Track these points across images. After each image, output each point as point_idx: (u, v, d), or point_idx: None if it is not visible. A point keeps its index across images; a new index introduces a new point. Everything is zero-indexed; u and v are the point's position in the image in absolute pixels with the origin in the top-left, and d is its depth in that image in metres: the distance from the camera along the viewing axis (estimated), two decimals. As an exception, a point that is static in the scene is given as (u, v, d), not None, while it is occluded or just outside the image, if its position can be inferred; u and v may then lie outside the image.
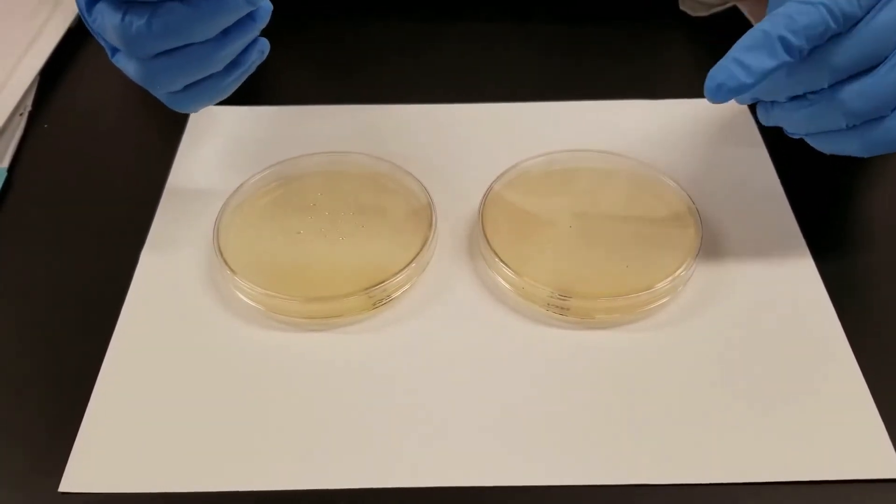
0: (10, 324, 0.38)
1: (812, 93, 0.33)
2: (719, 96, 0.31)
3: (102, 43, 0.35)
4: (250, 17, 0.33)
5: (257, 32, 0.34)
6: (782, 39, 0.31)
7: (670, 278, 0.37)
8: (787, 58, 0.31)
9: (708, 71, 0.32)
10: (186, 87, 0.35)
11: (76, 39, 0.55)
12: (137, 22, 0.32)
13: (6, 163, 0.45)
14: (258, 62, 0.36)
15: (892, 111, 0.32)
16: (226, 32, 0.33)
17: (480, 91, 0.50)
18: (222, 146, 0.46)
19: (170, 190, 0.43)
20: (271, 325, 0.37)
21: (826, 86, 0.32)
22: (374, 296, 0.37)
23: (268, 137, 0.47)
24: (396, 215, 0.41)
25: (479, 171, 0.43)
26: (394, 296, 0.37)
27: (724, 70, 0.31)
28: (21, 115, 0.48)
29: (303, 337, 0.37)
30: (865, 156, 0.34)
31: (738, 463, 0.32)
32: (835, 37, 0.31)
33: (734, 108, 0.48)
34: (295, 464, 0.32)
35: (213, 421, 0.34)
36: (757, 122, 0.47)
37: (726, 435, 0.33)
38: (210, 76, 0.35)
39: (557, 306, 0.37)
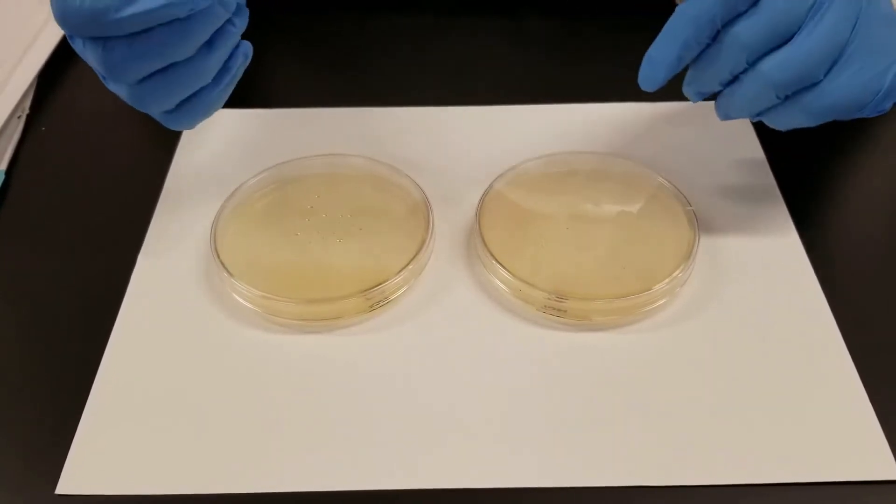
0: (8, 325, 0.38)
1: (741, 73, 0.34)
2: (646, 87, 0.35)
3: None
4: (230, 22, 0.33)
5: (238, 37, 0.34)
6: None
7: (667, 280, 0.37)
8: (685, 48, 0.34)
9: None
10: (179, 105, 0.35)
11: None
12: (118, 50, 0.32)
13: (4, 165, 0.45)
14: (244, 66, 0.36)
15: (825, 75, 0.33)
16: (209, 44, 0.33)
17: (478, 94, 0.50)
18: (219, 149, 0.46)
19: (167, 192, 0.43)
20: (269, 328, 0.37)
21: (746, 64, 0.33)
22: (372, 298, 0.37)
23: (265, 140, 0.47)
24: (394, 218, 0.41)
25: (476, 173, 0.43)
26: (391, 298, 0.38)
27: (642, 68, 0.35)
28: (19, 117, 0.48)
29: (300, 339, 0.37)
30: (815, 124, 0.35)
31: (735, 464, 0.32)
32: (742, 15, 0.33)
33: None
34: (292, 466, 0.32)
35: (209, 423, 0.34)
36: (754, 124, 0.47)
37: (723, 436, 0.33)
38: (200, 90, 0.35)
39: (554, 308, 0.37)
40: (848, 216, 0.43)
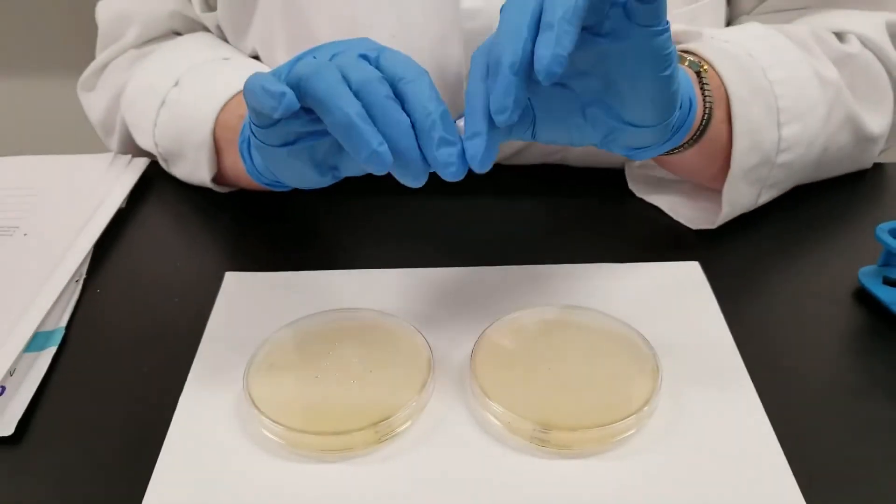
0: (57, 466, 0.43)
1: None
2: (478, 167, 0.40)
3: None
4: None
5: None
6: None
7: (635, 414, 0.42)
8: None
9: (659, 242, 0.37)
10: None
11: (125, 218, 0.63)
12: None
13: (64, 322, 0.52)
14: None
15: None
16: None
17: (474, 257, 0.56)
18: (250, 305, 0.53)
19: (206, 342, 0.49)
20: (292, 458, 0.42)
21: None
22: (381, 431, 0.42)
23: (288, 298, 0.53)
24: (400, 362, 0.46)
25: (470, 323, 0.49)
26: (398, 431, 0.43)
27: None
28: (77, 281, 0.55)
29: (320, 468, 0.42)
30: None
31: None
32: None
33: (689, 273, 0.55)
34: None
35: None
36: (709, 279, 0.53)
37: None
38: None
39: (539, 438, 0.42)
40: (798, 361, 0.48)
